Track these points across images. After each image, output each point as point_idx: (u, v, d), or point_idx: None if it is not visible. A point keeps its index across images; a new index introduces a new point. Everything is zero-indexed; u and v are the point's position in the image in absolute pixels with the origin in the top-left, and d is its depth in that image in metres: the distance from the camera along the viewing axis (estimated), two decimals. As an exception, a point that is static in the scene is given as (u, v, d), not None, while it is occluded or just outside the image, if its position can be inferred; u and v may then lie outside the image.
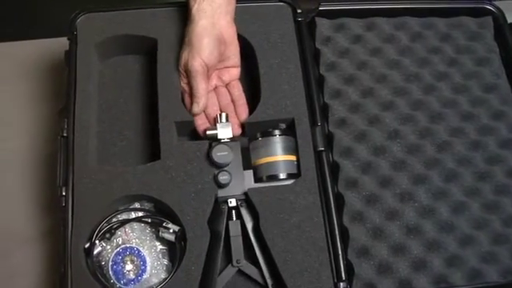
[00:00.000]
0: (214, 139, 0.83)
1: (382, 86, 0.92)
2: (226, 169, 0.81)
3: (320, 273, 0.78)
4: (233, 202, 0.81)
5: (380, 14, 0.98)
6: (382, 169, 0.86)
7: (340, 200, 0.84)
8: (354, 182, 0.85)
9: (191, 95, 0.85)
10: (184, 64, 0.84)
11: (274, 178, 0.82)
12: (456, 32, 0.98)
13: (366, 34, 0.96)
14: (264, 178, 0.82)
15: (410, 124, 0.90)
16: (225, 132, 0.83)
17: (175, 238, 0.79)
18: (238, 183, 0.82)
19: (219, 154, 0.81)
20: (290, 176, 0.83)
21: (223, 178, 0.80)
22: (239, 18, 0.88)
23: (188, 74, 0.84)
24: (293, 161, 0.84)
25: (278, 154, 0.83)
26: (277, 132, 0.84)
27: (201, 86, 0.83)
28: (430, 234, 0.83)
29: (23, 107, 0.92)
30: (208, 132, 0.84)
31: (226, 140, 0.83)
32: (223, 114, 0.85)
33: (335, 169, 0.86)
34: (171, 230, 0.79)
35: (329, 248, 0.80)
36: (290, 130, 0.86)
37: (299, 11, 0.93)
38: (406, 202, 0.85)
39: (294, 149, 0.85)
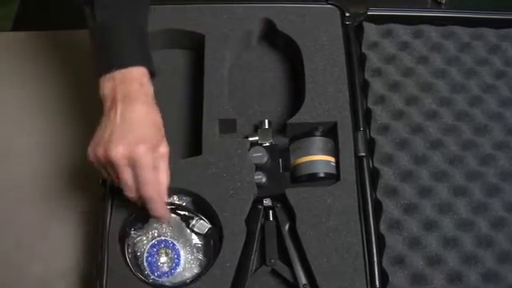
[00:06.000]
0: (255, 145, 0.84)
1: (427, 94, 0.91)
2: (262, 169, 0.82)
3: (354, 278, 0.78)
4: (268, 202, 0.82)
5: (429, 22, 0.97)
6: (422, 178, 0.85)
7: (378, 207, 0.83)
8: (393, 190, 0.84)
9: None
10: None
11: (313, 176, 0.82)
12: (506, 44, 0.96)
13: (413, 42, 0.95)
14: (303, 176, 0.82)
15: (453, 135, 0.88)
16: (265, 138, 0.85)
17: (206, 235, 0.80)
18: (276, 184, 0.82)
19: (255, 155, 0.83)
20: (328, 176, 0.83)
21: (257, 177, 0.81)
22: (287, 18, 0.89)
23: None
24: (331, 161, 0.84)
25: (317, 154, 0.83)
26: (317, 133, 0.84)
27: None
28: (467, 247, 0.81)
29: (79, 94, 0.94)
30: (250, 138, 0.85)
31: (266, 144, 0.84)
32: (266, 121, 0.86)
33: (375, 175, 0.85)
34: (204, 228, 0.80)
35: (364, 254, 0.79)
36: (329, 133, 0.85)
37: (347, 15, 0.93)
38: (445, 213, 0.83)
39: (332, 151, 0.84)
